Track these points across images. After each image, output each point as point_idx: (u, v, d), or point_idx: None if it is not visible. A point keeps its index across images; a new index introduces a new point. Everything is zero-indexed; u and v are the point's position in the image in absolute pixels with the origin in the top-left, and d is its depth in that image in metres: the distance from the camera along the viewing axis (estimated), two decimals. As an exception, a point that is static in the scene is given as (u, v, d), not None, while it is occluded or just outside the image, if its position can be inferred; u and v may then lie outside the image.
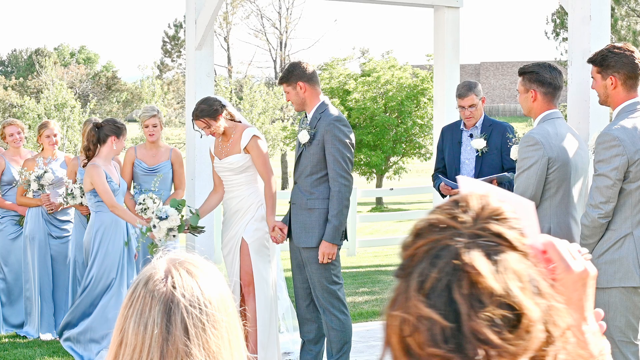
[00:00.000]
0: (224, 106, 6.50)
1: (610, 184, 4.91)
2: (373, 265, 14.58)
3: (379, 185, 32.22)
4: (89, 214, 7.79)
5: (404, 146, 31.12)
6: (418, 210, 24.09)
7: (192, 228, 6.69)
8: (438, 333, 1.18)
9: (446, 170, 7.01)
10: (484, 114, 6.90)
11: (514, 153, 6.28)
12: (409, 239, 1.28)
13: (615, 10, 23.95)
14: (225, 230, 6.74)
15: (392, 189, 20.65)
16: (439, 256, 1.22)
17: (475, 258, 1.20)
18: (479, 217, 1.25)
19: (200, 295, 1.66)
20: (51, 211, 8.32)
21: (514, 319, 1.19)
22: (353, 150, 6.32)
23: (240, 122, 6.67)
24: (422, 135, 30.90)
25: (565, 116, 5.88)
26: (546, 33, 29.90)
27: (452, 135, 7.00)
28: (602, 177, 4.94)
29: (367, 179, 32.90)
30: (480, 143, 6.69)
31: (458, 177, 1.59)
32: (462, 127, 6.94)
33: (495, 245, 1.23)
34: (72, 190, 7.91)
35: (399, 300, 1.24)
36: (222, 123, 6.48)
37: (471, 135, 6.81)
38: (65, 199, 7.95)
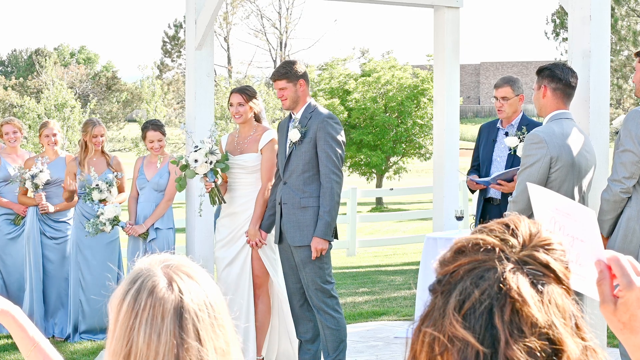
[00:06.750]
0: (257, 101, 6.76)
1: (635, 160, 4.98)
2: (373, 265, 14.58)
3: (379, 185, 32.17)
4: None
5: (404, 146, 31.04)
6: (418, 210, 24.09)
7: (216, 191, 6.63)
8: (470, 356, 1.14)
9: (479, 167, 7.01)
10: (522, 113, 6.87)
11: (520, 150, 6.29)
12: (448, 255, 1.24)
13: (615, 10, 23.94)
14: (224, 227, 6.74)
15: (392, 189, 20.65)
16: (483, 277, 1.18)
17: (522, 285, 1.17)
18: (528, 244, 1.22)
19: (205, 298, 1.69)
20: (44, 211, 8.31)
21: (552, 354, 1.16)
22: (344, 148, 6.34)
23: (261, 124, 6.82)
24: (422, 135, 30.82)
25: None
26: (546, 33, 29.88)
27: (488, 133, 7.01)
28: (627, 152, 5.01)
29: (367, 179, 32.83)
30: (513, 141, 6.62)
31: (528, 185, 1.55)
32: (499, 125, 6.95)
33: (542, 275, 1.20)
34: (97, 184, 7.66)
35: (434, 316, 1.20)
36: (253, 109, 6.70)
37: (506, 134, 6.77)
38: (88, 194, 7.69)
